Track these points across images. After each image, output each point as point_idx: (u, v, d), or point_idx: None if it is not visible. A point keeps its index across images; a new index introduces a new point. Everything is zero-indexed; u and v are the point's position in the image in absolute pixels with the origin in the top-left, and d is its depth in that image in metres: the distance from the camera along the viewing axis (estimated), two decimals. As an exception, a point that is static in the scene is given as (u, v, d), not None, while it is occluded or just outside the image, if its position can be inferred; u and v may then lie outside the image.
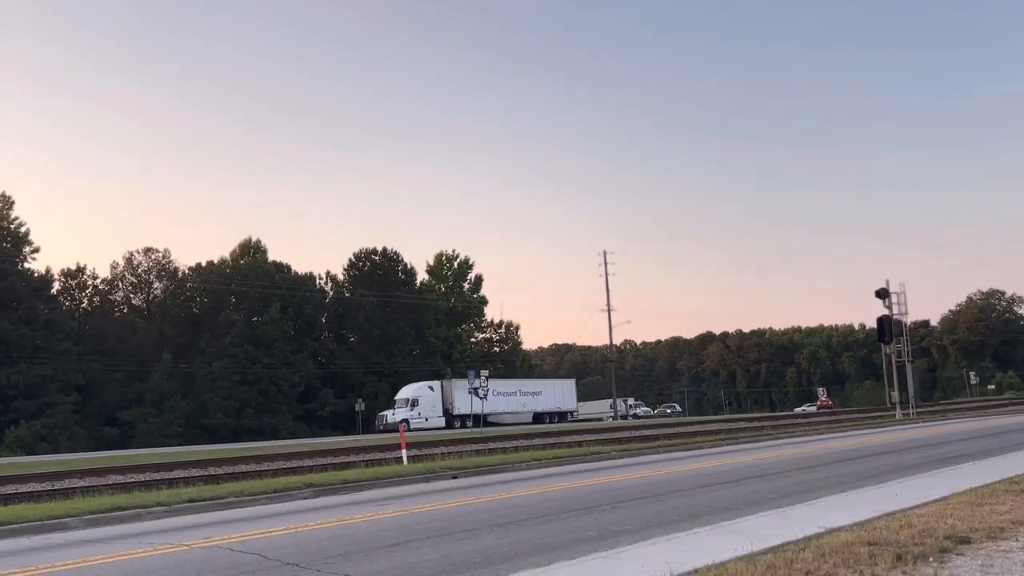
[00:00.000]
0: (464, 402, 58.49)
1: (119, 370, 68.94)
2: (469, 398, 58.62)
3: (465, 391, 58.63)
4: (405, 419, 56.28)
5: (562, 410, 67.50)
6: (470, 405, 58.44)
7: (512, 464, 19.81)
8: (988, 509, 8.79)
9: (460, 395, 58.94)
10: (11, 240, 67.98)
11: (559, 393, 68.46)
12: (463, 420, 59.36)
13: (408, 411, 58.22)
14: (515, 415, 63.04)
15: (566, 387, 70.92)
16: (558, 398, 67.74)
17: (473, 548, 8.57)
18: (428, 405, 59.44)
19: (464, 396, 58.25)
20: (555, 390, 68.47)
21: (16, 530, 11.72)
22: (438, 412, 59.84)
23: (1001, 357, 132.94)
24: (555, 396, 67.31)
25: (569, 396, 69.70)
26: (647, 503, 11.84)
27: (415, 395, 60.01)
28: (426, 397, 59.90)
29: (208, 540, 9.98)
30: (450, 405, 60.10)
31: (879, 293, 44.12)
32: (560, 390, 69.18)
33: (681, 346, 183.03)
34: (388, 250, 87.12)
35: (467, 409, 58.35)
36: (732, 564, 6.53)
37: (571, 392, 70.75)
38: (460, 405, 59.25)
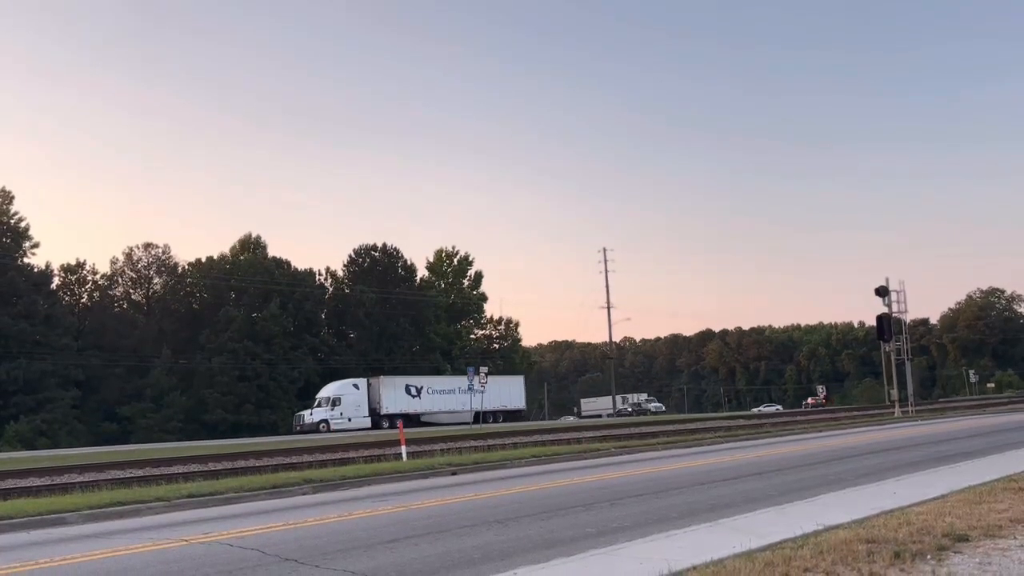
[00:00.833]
0: (393, 401, 57.24)
1: (119, 365, 68.95)
2: (397, 397, 57.60)
3: (395, 389, 57.87)
4: (324, 420, 54.29)
5: (508, 408, 64.15)
6: (400, 404, 57.18)
7: (511, 461, 19.82)
8: (986, 507, 8.80)
9: (389, 394, 57.46)
10: (11, 235, 67.91)
11: (505, 391, 64.39)
12: (392, 420, 55.90)
13: (328, 411, 55.23)
14: (453, 414, 59.58)
15: (513, 384, 66.82)
16: (504, 396, 63.92)
17: (472, 544, 8.59)
18: (352, 405, 56.18)
19: (393, 395, 57.40)
20: (500, 388, 63.80)
21: (15, 525, 11.73)
22: (363, 412, 56.49)
23: (1000, 355, 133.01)
24: (500, 394, 63.12)
25: (517, 394, 66.26)
26: (646, 500, 11.85)
27: (337, 394, 56.71)
28: (350, 396, 56.62)
29: (207, 535, 9.98)
30: (378, 404, 57.16)
31: (879, 291, 44.14)
32: (507, 387, 65.04)
33: (681, 343, 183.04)
34: (388, 246, 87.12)
35: (397, 408, 56.71)
36: (731, 561, 6.54)
37: (519, 389, 67.00)
38: (389, 404, 57.14)
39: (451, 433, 36.17)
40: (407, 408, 57.70)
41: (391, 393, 57.64)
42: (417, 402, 58.86)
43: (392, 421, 54.86)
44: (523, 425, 55.16)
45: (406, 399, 58.21)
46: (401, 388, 58.65)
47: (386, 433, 43.78)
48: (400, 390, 58.44)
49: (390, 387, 58.06)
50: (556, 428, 42.38)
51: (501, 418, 61.85)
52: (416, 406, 58.69)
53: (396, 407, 56.96)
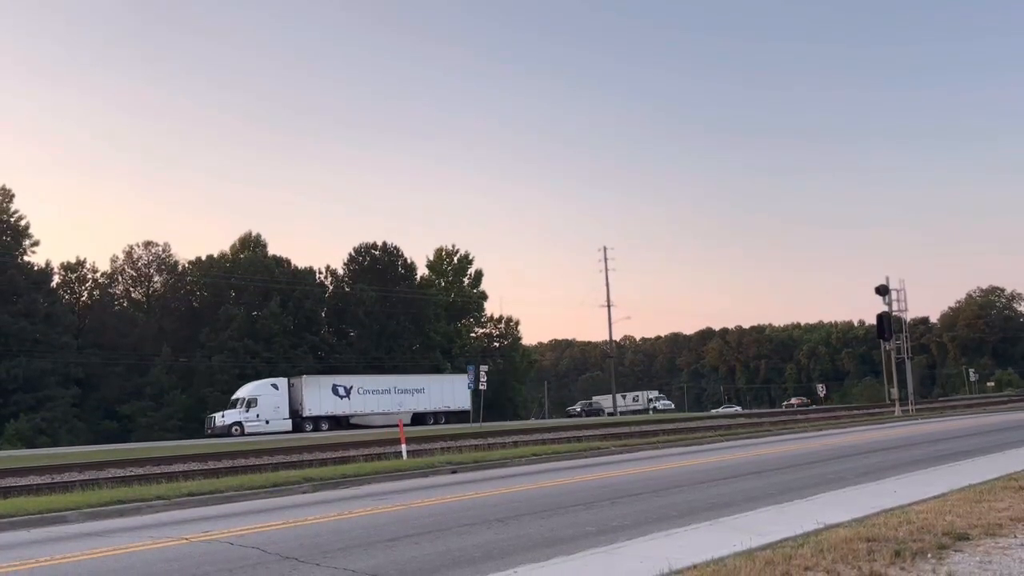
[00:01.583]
0: (318, 402, 54.22)
1: (119, 364, 68.93)
2: (323, 397, 54.40)
3: (320, 389, 54.64)
4: (237, 422, 51.09)
5: (452, 409, 60.23)
6: (326, 405, 54.50)
7: (511, 459, 19.83)
8: (987, 506, 8.80)
9: (313, 394, 54.28)
10: (11, 233, 67.89)
11: (448, 390, 61.20)
12: (317, 423, 53.57)
13: (242, 413, 51.69)
14: (388, 416, 56.04)
15: (457, 383, 62.00)
16: (447, 396, 60.74)
17: (472, 543, 8.59)
18: (270, 406, 52.71)
19: (318, 395, 54.43)
20: (443, 387, 61.55)
21: (16, 523, 11.74)
22: (283, 414, 53.15)
23: (1000, 354, 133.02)
24: (443, 394, 60.59)
25: (462, 393, 61.10)
26: (646, 499, 11.86)
27: (252, 395, 53.02)
28: (267, 397, 53.05)
29: (208, 534, 9.99)
30: (299, 406, 53.73)
31: (879, 290, 44.16)
32: (449, 387, 61.66)
33: (681, 342, 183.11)
34: (388, 245, 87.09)
35: (322, 410, 54.05)
36: (731, 560, 6.54)
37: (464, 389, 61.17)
38: (312, 405, 53.91)
39: (451, 432, 36.20)
40: (334, 410, 54.98)
41: (315, 393, 54.47)
42: (346, 403, 55.74)
43: (316, 424, 53.17)
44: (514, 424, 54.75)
45: (333, 400, 55.14)
46: (327, 388, 55.42)
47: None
48: (326, 390, 55.23)
49: (314, 387, 54.85)
50: (555, 427, 42.35)
51: (444, 419, 58.93)
52: (344, 407, 55.69)
53: (321, 409, 54.20)
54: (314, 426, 52.84)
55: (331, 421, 54.07)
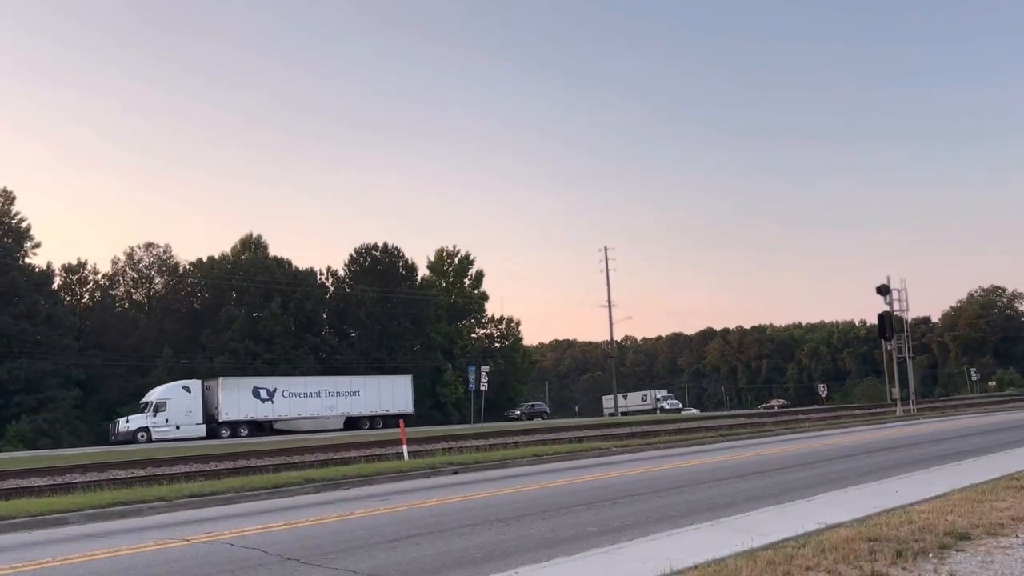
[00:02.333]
0: (236, 406, 50.87)
1: (120, 365, 68.95)
2: (242, 400, 51.20)
3: (239, 392, 51.47)
4: (143, 428, 47.87)
5: (391, 413, 56.35)
6: (246, 409, 51.26)
7: (512, 460, 19.83)
8: (988, 506, 8.79)
9: (231, 397, 50.83)
10: (12, 235, 67.94)
11: (387, 392, 57.94)
12: (235, 428, 50.24)
13: (150, 418, 48.53)
14: (317, 420, 53.64)
15: (398, 385, 59.54)
16: (385, 399, 57.44)
17: (474, 543, 8.59)
18: (181, 410, 49.30)
19: (236, 398, 51.06)
20: (381, 389, 57.95)
21: (17, 524, 11.75)
22: (196, 419, 49.70)
23: (1002, 354, 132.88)
24: (380, 396, 57.23)
25: (403, 396, 58.88)
26: (647, 499, 11.85)
27: (161, 398, 49.64)
28: (178, 401, 49.56)
29: (209, 535, 9.99)
30: (215, 410, 50.36)
31: (880, 289, 44.15)
32: (389, 389, 58.44)
33: (682, 342, 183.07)
34: (389, 245, 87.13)
35: (241, 414, 50.86)
36: (732, 560, 6.54)
37: (405, 391, 59.62)
38: (229, 409, 50.50)
39: (452, 432, 36.19)
40: (255, 414, 51.69)
41: (233, 396, 51.00)
42: (268, 407, 52.29)
43: (234, 429, 50.11)
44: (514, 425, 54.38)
45: (253, 403, 51.69)
46: (247, 390, 51.94)
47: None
48: (246, 393, 51.77)
49: (232, 389, 51.38)
50: (555, 428, 42.33)
51: (381, 424, 55.41)
52: (267, 411, 52.30)
53: (240, 413, 50.92)
54: (232, 432, 49.72)
55: (251, 426, 51.12)
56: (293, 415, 53.44)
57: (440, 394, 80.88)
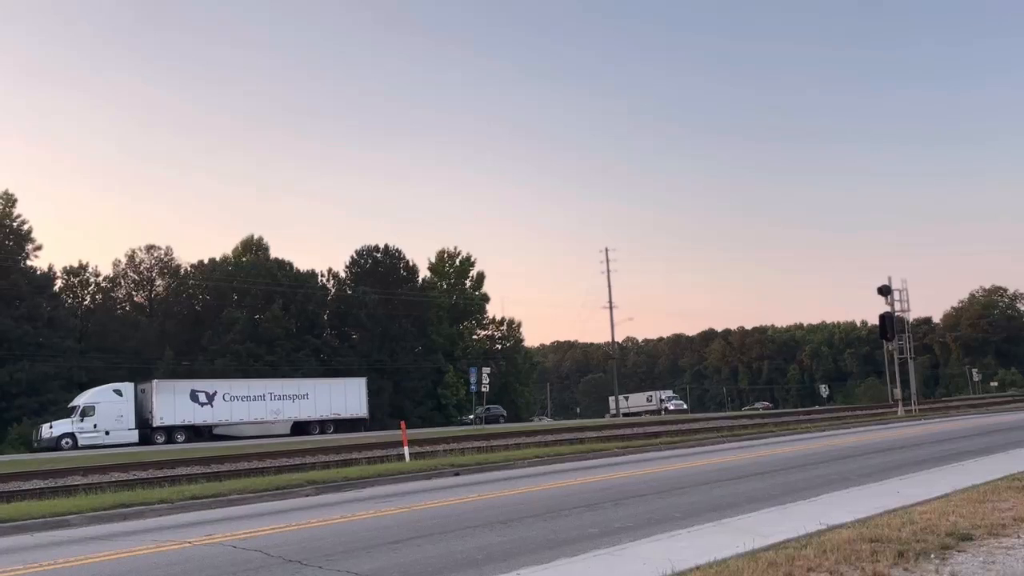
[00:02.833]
0: (172, 410, 48.14)
1: (121, 367, 68.89)
2: (179, 404, 48.63)
3: (176, 395, 48.81)
4: (68, 434, 45.04)
5: (343, 417, 54.38)
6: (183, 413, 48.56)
7: (514, 461, 19.82)
8: (990, 506, 8.78)
9: (166, 401, 48.07)
10: (14, 238, 68.01)
11: (339, 395, 55.00)
12: (170, 434, 47.50)
13: (76, 423, 45.71)
14: (261, 425, 50.97)
15: (351, 387, 56.38)
16: (337, 402, 54.57)
17: (475, 545, 8.58)
18: (111, 415, 46.54)
19: (172, 402, 48.32)
20: (332, 392, 54.99)
21: (19, 527, 11.75)
22: (128, 424, 46.75)
23: (1004, 354, 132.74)
24: (331, 400, 54.38)
25: (356, 399, 55.84)
26: (649, 500, 11.84)
27: (89, 402, 46.79)
28: (108, 405, 46.80)
29: (211, 537, 10.00)
30: (150, 414, 47.65)
31: (881, 290, 44.12)
32: (341, 392, 55.44)
33: (683, 343, 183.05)
34: (390, 247, 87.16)
35: (177, 419, 48.12)
36: (734, 561, 6.53)
37: (359, 393, 56.45)
38: (165, 414, 47.78)
39: (454, 434, 36.18)
40: (192, 418, 48.95)
41: (169, 400, 48.26)
42: (208, 411, 49.67)
43: (170, 435, 47.37)
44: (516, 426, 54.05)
45: (191, 407, 49.07)
46: (184, 394, 49.23)
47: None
48: (183, 396, 49.05)
49: (168, 393, 48.63)
50: (555, 429, 42.29)
51: (332, 428, 53.28)
52: (206, 416, 49.65)
53: (177, 417, 48.21)
54: (167, 438, 47.12)
55: (189, 432, 48.41)
56: (235, 420, 50.66)
57: (441, 395, 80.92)
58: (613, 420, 61.19)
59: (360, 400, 56.04)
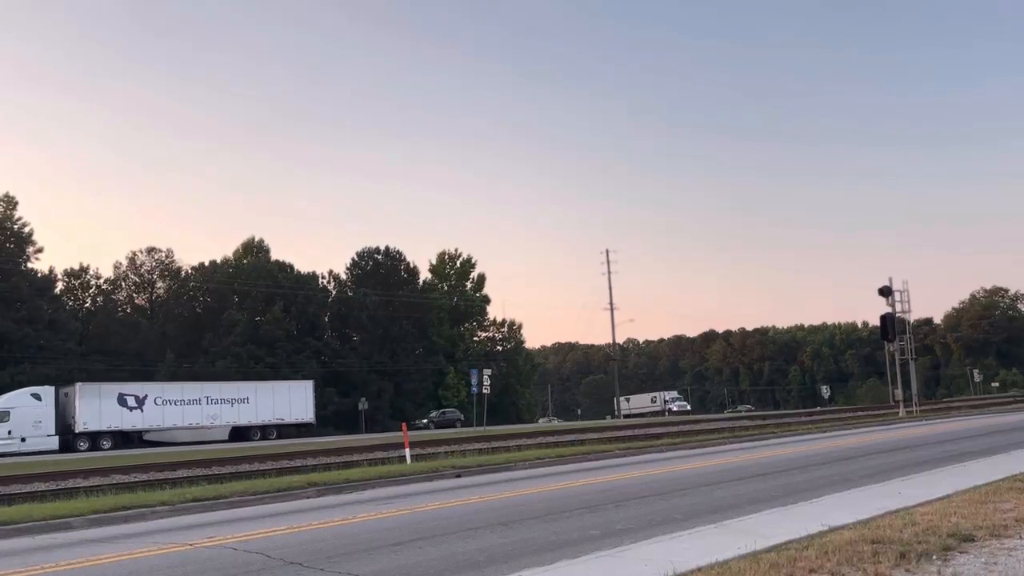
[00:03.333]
0: (97, 415, 45.56)
1: (122, 370, 68.96)
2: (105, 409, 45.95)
3: (101, 399, 46.10)
4: None
5: (287, 422, 51.92)
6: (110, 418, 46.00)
7: (515, 463, 19.81)
8: (992, 507, 8.77)
9: (90, 405, 45.50)
10: (15, 240, 68.12)
11: (283, 399, 52.33)
12: (95, 440, 44.76)
13: None
14: (196, 431, 48.50)
15: (296, 391, 53.71)
16: (281, 406, 51.95)
17: (476, 547, 8.58)
18: (27, 421, 43.55)
19: (97, 407, 45.72)
20: (275, 395, 52.29)
21: (20, 529, 11.75)
22: (47, 430, 43.82)
23: (1005, 355, 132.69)
24: (275, 403, 51.72)
25: (302, 403, 53.17)
26: (650, 502, 11.84)
27: (4, 408, 43.71)
28: (24, 410, 43.78)
29: (212, 539, 10.00)
30: (72, 420, 44.98)
31: (882, 291, 44.11)
32: (285, 395, 52.78)
33: (684, 344, 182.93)
34: (391, 249, 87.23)
35: (103, 424, 45.57)
36: (735, 562, 6.53)
37: (306, 397, 53.78)
38: (89, 419, 45.15)
39: (455, 435, 36.16)
40: (120, 424, 46.39)
41: (93, 405, 45.64)
42: (137, 415, 47.14)
43: (95, 441, 44.67)
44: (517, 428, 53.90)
45: (119, 412, 46.47)
46: (111, 398, 46.54)
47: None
48: (109, 400, 46.37)
49: (92, 397, 45.94)
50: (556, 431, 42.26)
51: (275, 434, 50.67)
52: (135, 421, 47.08)
53: (102, 423, 45.58)
54: (91, 444, 44.40)
55: (116, 437, 45.84)
56: (167, 424, 48.29)
57: (442, 397, 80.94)
58: (614, 422, 61.14)
59: (307, 404, 53.67)
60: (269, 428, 51.06)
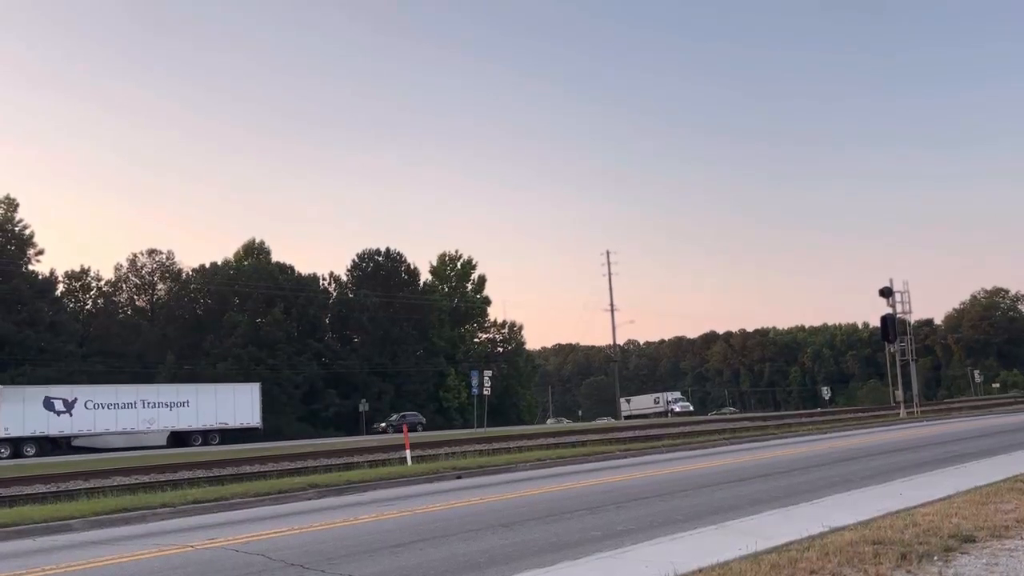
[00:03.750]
0: (20, 420, 43.06)
1: (123, 372, 69.00)
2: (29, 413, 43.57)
3: (25, 402, 43.72)
4: None
5: (230, 427, 49.88)
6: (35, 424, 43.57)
7: (516, 464, 19.81)
8: (993, 508, 8.77)
9: (13, 409, 43.06)
10: (15, 242, 68.17)
11: (226, 403, 50.08)
12: (17, 446, 42.48)
13: None
14: (131, 436, 46.15)
15: (241, 394, 51.43)
16: (224, 410, 49.70)
17: (477, 548, 8.58)
18: None
19: (20, 411, 43.33)
20: (218, 399, 49.96)
21: (21, 531, 11.75)
22: None
23: (1005, 355, 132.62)
24: (217, 407, 49.44)
25: (247, 407, 50.95)
26: (651, 503, 11.83)
27: None
28: None
29: (213, 541, 10.00)
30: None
31: (883, 292, 44.12)
32: (228, 399, 50.45)
33: (684, 345, 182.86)
34: (391, 250, 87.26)
35: (27, 430, 43.14)
36: (736, 563, 6.53)
37: (251, 400, 51.55)
38: (12, 424, 42.67)
39: (456, 437, 36.16)
40: (47, 429, 43.89)
41: (17, 408, 43.15)
42: (66, 420, 44.63)
43: (16, 448, 42.37)
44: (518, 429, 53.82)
45: (44, 416, 43.96)
46: (36, 401, 44.11)
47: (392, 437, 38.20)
48: (34, 403, 43.93)
49: (15, 400, 43.61)
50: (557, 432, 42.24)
51: (217, 439, 48.74)
52: (63, 426, 44.54)
53: (26, 428, 43.19)
54: (12, 451, 42.04)
55: (41, 444, 43.40)
56: (99, 430, 45.67)
57: (443, 399, 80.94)
58: (615, 423, 61.08)
59: (252, 408, 51.42)
60: (212, 433, 49.25)
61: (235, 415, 50.47)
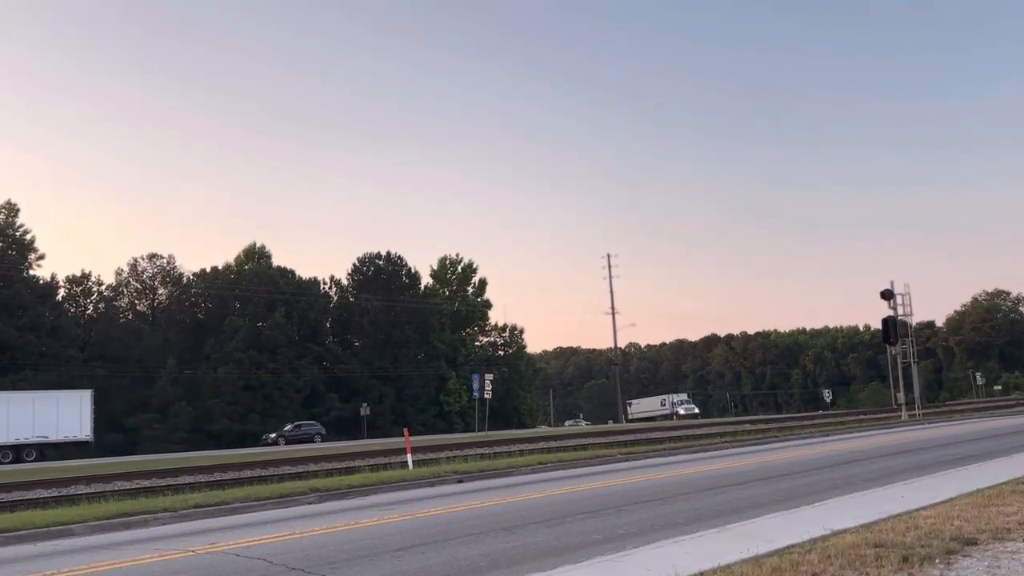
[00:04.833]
0: None
1: (124, 376, 69.08)
2: None
3: None
4: None
5: (52, 440, 44.24)
6: None
7: (517, 468, 19.80)
8: (995, 510, 8.76)
9: None
10: (16, 247, 68.28)
11: (48, 413, 43.84)
12: None
13: None
14: None
15: (68, 403, 45.34)
16: (46, 422, 43.51)
17: (479, 552, 8.57)
18: None
19: None
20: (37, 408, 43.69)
21: (23, 536, 11.75)
22: None
23: (1007, 357, 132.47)
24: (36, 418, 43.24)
25: (75, 418, 44.85)
26: (652, 506, 11.82)
27: None
28: None
29: (214, 546, 9.99)
30: None
31: (884, 294, 44.10)
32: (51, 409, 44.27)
33: (686, 348, 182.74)
34: (392, 254, 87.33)
35: None
36: (738, 567, 6.52)
37: (79, 410, 45.40)
38: None
39: (456, 440, 36.14)
40: None
41: None
42: None
43: None
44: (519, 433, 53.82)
45: None
46: None
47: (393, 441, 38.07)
48: None
49: None
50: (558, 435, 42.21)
51: (36, 454, 43.22)
52: None
53: None
54: None
55: None
56: None
57: (444, 402, 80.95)
58: (616, 426, 61.12)
59: (81, 419, 45.17)
60: (29, 448, 43.34)
61: (58, 427, 44.42)
